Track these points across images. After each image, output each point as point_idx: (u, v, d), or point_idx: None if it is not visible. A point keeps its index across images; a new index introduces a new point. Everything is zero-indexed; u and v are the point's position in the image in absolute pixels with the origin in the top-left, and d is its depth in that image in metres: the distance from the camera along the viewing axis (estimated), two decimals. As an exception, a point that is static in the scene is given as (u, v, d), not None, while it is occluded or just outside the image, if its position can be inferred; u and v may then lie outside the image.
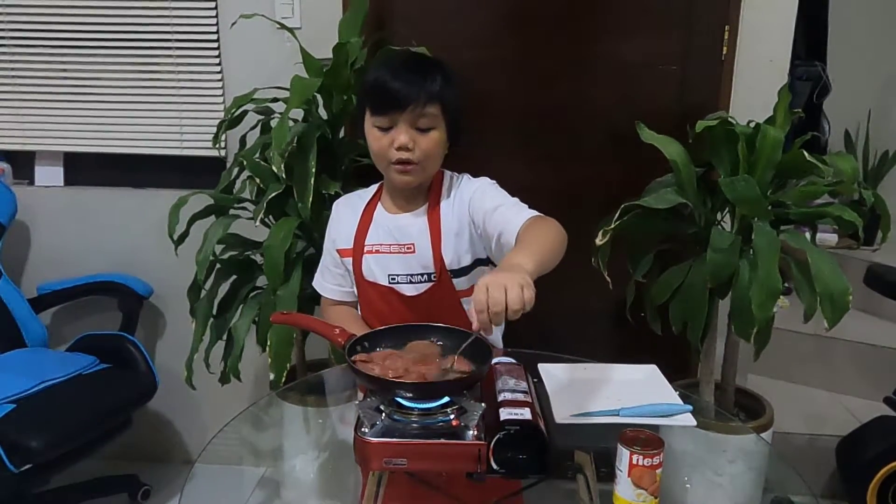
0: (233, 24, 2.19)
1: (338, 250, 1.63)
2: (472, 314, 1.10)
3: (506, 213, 1.46)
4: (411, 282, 1.55)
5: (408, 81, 1.45)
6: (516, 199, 1.53)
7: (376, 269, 1.57)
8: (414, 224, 1.56)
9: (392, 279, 1.56)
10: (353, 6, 2.14)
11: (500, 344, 1.68)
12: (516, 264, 1.17)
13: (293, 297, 1.93)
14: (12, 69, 2.52)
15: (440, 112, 1.48)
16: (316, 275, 1.74)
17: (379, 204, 1.62)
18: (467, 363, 1.19)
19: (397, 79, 1.45)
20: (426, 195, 1.58)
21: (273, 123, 2.01)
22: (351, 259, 1.60)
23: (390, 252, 1.56)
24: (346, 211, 1.66)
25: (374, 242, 1.58)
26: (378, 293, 1.57)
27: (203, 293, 2.12)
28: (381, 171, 1.57)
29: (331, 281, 1.69)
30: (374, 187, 1.68)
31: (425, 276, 1.54)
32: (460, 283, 1.56)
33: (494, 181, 1.61)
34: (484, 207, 1.50)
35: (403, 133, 1.46)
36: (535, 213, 1.47)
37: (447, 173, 1.62)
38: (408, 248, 1.55)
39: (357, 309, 1.69)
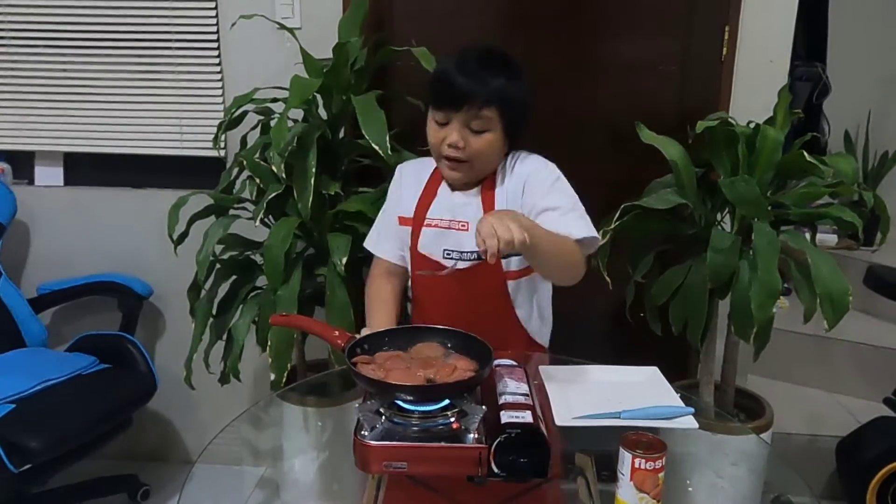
0: (232, 24, 2.18)
1: (399, 217, 1.64)
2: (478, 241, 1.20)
3: (554, 218, 1.46)
4: (462, 258, 1.55)
5: (468, 81, 1.44)
6: (574, 205, 1.51)
7: (432, 243, 1.58)
8: (471, 203, 1.57)
9: (447, 255, 1.56)
10: (352, 6, 2.14)
11: (546, 342, 1.70)
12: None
13: (293, 298, 1.93)
14: (12, 69, 2.51)
15: (497, 115, 1.47)
16: (371, 236, 1.73)
17: (442, 179, 1.61)
18: (468, 362, 1.19)
19: (458, 76, 1.45)
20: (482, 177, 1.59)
21: (273, 124, 2.01)
22: (410, 228, 1.61)
23: (447, 227, 1.57)
24: (411, 179, 1.66)
25: (434, 217, 1.59)
26: (430, 267, 1.57)
27: (203, 293, 2.12)
28: (435, 161, 1.58)
29: (390, 242, 1.68)
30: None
31: (475, 255, 1.54)
32: (507, 264, 1.56)
33: (561, 174, 1.58)
34: (536, 203, 1.50)
35: (455, 132, 1.47)
36: (583, 234, 1.45)
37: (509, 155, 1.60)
38: (462, 226, 1.56)
39: (408, 282, 1.69)
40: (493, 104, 1.45)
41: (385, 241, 1.69)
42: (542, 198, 1.50)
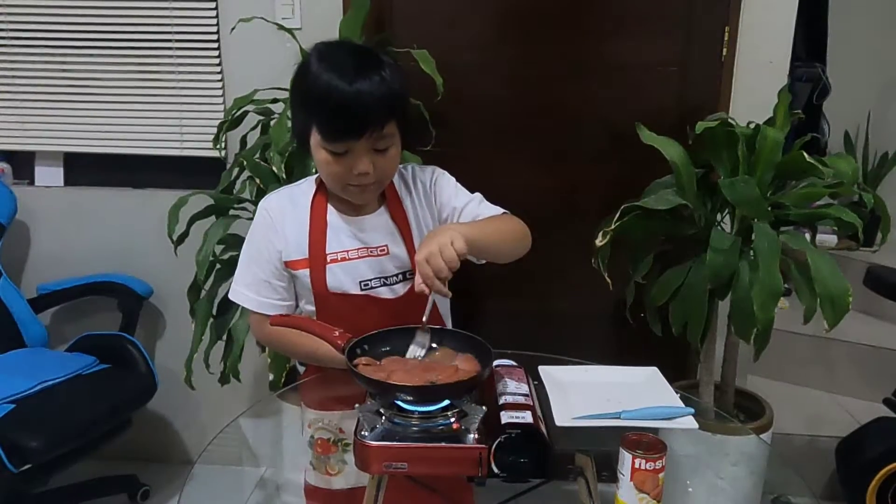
0: (232, 28, 2.18)
1: (287, 262, 1.45)
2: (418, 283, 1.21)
3: (474, 210, 1.47)
4: (385, 284, 1.46)
5: (365, 103, 1.29)
6: (479, 195, 1.52)
7: (344, 279, 1.44)
8: (384, 225, 1.47)
9: (365, 285, 1.44)
10: (353, 7, 2.14)
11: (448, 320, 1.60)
12: (446, 226, 1.27)
13: (293, 298, 1.93)
14: (12, 69, 2.51)
15: (396, 127, 1.36)
16: (240, 290, 1.48)
17: (329, 206, 1.46)
18: (469, 362, 1.19)
19: (353, 100, 1.29)
20: (383, 192, 1.49)
21: (273, 124, 2.01)
22: (308, 271, 1.43)
23: (359, 257, 1.45)
24: (288, 217, 1.46)
25: (339, 250, 1.44)
26: (349, 304, 1.44)
27: (203, 293, 2.12)
28: (333, 189, 1.44)
29: (273, 296, 1.46)
30: (305, 185, 1.51)
31: (400, 276, 1.47)
32: None
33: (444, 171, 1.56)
34: (453, 204, 1.49)
35: (362, 161, 1.34)
36: (500, 209, 1.48)
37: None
38: (381, 251, 1.46)
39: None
40: (392, 116, 1.34)
41: (268, 295, 1.47)
42: (456, 199, 1.49)
